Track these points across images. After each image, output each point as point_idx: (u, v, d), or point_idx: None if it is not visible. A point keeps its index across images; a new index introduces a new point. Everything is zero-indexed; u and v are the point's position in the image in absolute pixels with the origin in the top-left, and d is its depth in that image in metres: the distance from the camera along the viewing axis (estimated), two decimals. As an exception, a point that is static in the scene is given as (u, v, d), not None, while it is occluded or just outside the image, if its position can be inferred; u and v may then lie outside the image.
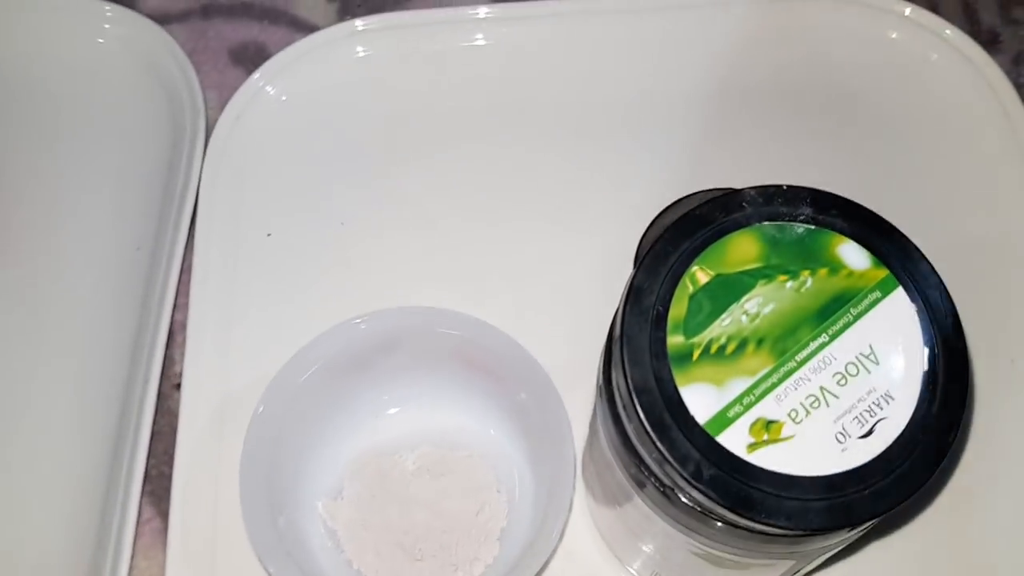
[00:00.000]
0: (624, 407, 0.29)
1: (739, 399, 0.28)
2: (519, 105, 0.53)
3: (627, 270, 0.46)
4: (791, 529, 0.27)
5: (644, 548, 0.37)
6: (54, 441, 0.45)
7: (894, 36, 0.55)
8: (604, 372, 0.31)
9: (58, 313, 0.48)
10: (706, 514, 0.29)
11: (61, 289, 0.49)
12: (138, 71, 0.54)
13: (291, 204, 0.50)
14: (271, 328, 0.47)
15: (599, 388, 0.32)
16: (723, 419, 0.28)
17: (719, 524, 0.29)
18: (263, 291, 0.48)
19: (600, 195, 0.50)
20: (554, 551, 0.40)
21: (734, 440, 0.28)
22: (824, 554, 0.33)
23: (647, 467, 0.30)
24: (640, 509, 0.33)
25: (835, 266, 0.30)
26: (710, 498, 0.27)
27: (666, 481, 0.29)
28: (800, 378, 0.29)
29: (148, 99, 0.53)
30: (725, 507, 0.27)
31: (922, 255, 0.30)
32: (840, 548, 0.33)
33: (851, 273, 0.30)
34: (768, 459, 0.28)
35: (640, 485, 0.31)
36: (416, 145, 0.52)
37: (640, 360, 0.29)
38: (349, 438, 0.44)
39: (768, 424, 0.28)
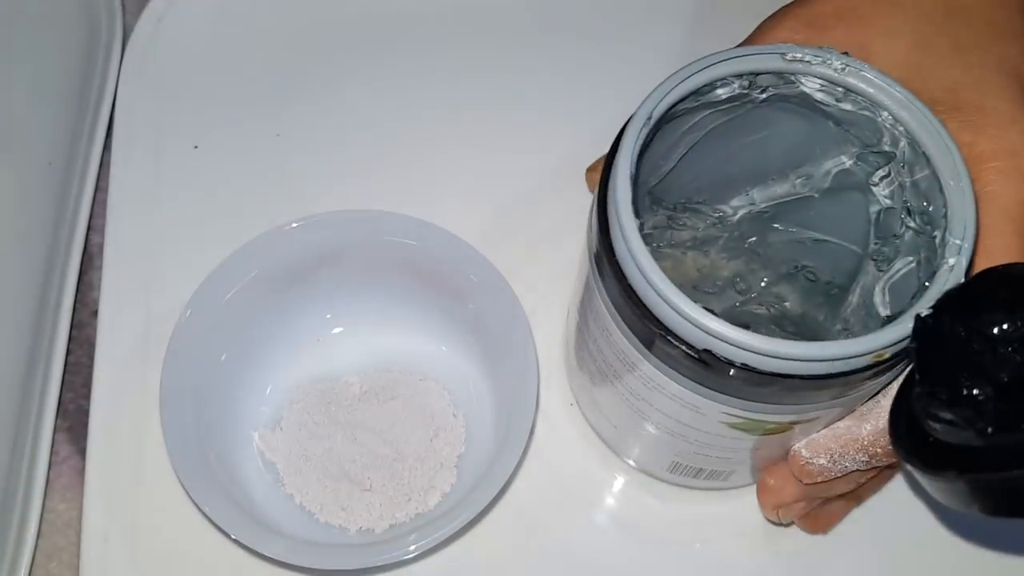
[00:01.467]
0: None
1: None
2: (463, 8, 0.49)
3: (580, 163, 0.43)
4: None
5: (653, 431, 0.34)
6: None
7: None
8: (602, 238, 0.28)
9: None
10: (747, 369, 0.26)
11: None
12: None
13: (220, 115, 0.46)
14: (198, 249, 0.42)
15: (596, 259, 0.29)
16: None
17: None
18: (189, 209, 0.44)
19: (549, 98, 0.47)
20: (515, 473, 0.36)
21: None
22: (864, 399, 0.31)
23: (672, 335, 0.27)
24: (663, 388, 0.30)
25: None
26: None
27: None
28: None
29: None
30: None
31: None
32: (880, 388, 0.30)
33: None
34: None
35: (660, 356, 0.28)
36: (356, 50, 0.48)
37: None
38: (286, 361, 0.40)
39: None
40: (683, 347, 0.27)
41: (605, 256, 0.28)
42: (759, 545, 0.39)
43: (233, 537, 0.33)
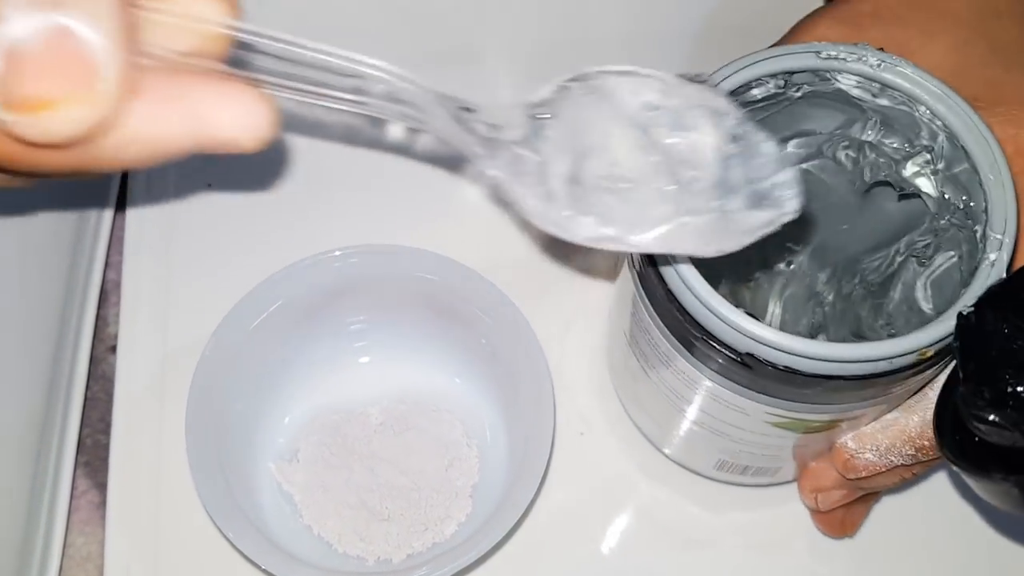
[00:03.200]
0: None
1: None
2: (475, 38, 0.50)
3: None
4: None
5: (698, 431, 0.34)
6: (-25, 412, 0.41)
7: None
8: (647, 263, 0.29)
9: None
10: (791, 372, 0.27)
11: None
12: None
13: (233, 154, 0.47)
14: (213, 286, 0.44)
15: (639, 264, 0.30)
16: None
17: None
18: (203, 246, 0.45)
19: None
20: (532, 501, 0.37)
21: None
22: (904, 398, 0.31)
23: (715, 340, 0.28)
24: (708, 391, 0.30)
25: None
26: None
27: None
28: None
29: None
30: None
31: None
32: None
33: None
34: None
35: (704, 360, 0.29)
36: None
37: None
38: (302, 393, 0.40)
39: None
40: (726, 351, 0.27)
41: (646, 262, 0.29)
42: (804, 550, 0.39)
43: (263, 567, 0.33)
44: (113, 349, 0.43)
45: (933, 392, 0.30)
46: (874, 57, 0.30)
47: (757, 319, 0.27)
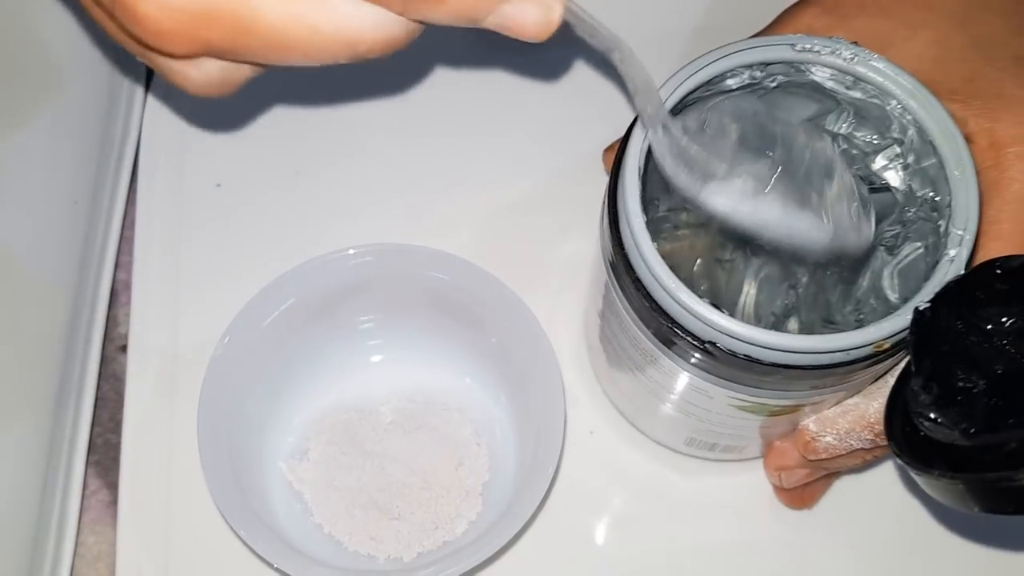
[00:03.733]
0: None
1: None
2: (474, 43, 0.50)
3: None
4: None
5: (669, 411, 0.36)
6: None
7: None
8: (612, 232, 0.30)
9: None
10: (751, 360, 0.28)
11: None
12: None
13: (241, 152, 0.47)
14: (222, 285, 0.44)
15: (611, 252, 0.31)
16: None
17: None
18: (213, 245, 0.45)
19: (565, 126, 0.48)
20: (543, 500, 0.37)
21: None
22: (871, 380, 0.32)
23: (680, 328, 0.29)
24: (674, 374, 0.32)
25: None
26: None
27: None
28: None
29: (84, 39, 0.49)
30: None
31: None
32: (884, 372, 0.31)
33: None
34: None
35: (669, 345, 0.30)
36: (373, 87, 0.49)
37: None
38: (313, 392, 0.40)
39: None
40: (689, 339, 0.29)
41: (616, 250, 0.30)
42: (765, 516, 0.40)
43: (278, 568, 0.33)
44: (123, 348, 0.43)
45: (893, 380, 0.31)
46: (848, 51, 0.30)
47: (720, 307, 0.28)
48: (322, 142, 0.47)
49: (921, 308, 0.26)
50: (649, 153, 0.29)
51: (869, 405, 0.32)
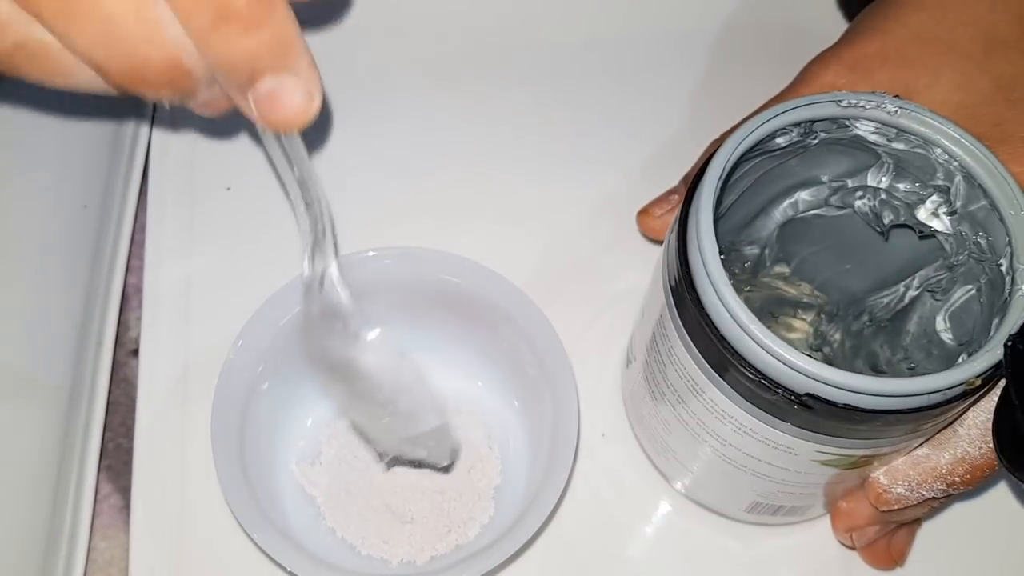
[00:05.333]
0: None
1: None
2: (496, 47, 0.51)
3: (616, 207, 0.45)
4: None
5: (738, 474, 0.34)
6: (-1, 416, 0.41)
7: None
8: (687, 284, 0.29)
9: (-1, 279, 0.44)
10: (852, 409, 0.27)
11: (1, 253, 0.44)
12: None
13: (251, 156, 0.47)
14: (232, 289, 0.44)
15: (676, 302, 0.30)
16: None
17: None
18: (224, 249, 0.45)
19: (586, 136, 0.48)
20: (558, 506, 0.37)
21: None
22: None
23: (770, 381, 0.28)
24: (754, 433, 0.31)
25: None
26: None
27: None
28: None
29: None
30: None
31: None
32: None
33: None
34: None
35: (756, 402, 0.29)
36: (386, 90, 0.49)
37: None
38: (324, 396, 0.40)
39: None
40: (783, 393, 0.27)
41: (691, 303, 0.29)
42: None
43: (289, 570, 0.33)
44: (134, 353, 0.43)
45: (963, 429, 0.32)
46: (892, 104, 0.31)
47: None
48: (335, 144, 0.47)
49: (1009, 343, 0.27)
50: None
51: (940, 456, 0.32)
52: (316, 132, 0.48)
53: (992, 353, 0.27)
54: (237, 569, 0.38)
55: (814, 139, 0.32)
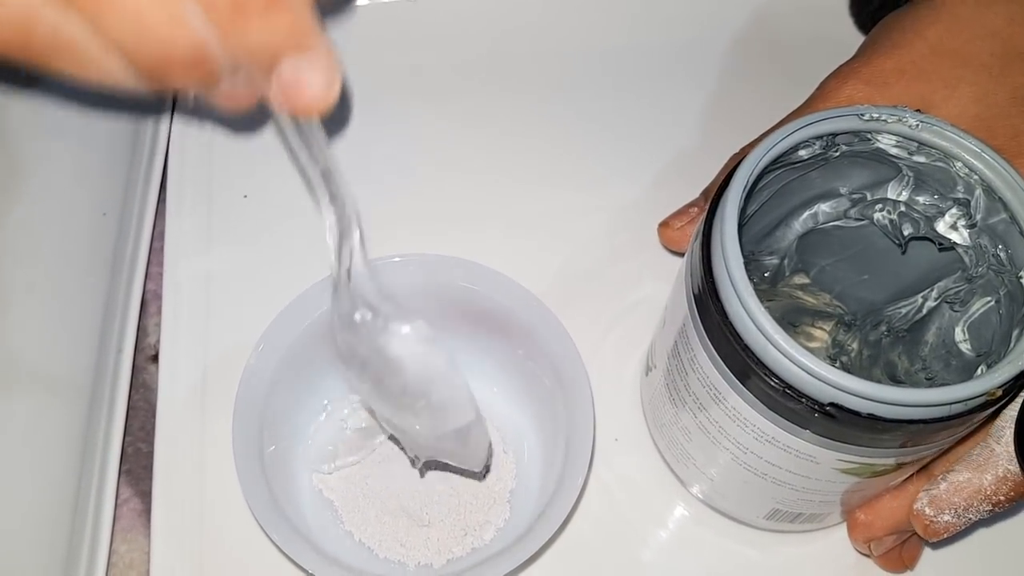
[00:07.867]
0: None
1: None
2: (519, 59, 0.51)
3: (631, 217, 0.45)
4: None
5: (757, 481, 0.34)
6: (20, 421, 0.42)
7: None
8: (711, 294, 0.29)
9: (20, 286, 0.44)
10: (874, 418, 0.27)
11: (21, 260, 0.45)
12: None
13: (268, 164, 0.47)
14: (250, 295, 0.44)
15: (700, 311, 0.30)
16: None
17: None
18: (242, 256, 0.45)
19: (601, 146, 0.49)
20: (573, 510, 0.37)
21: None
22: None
23: (794, 391, 0.28)
24: (776, 441, 0.31)
25: None
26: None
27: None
28: None
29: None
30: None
31: None
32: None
33: None
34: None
35: (778, 411, 0.29)
36: (401, 100, 0.50)
37: None
38: (343, 398, 0.41)
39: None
40: (807, 402, 0.28)
41: (715, 312, 0.29)
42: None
43: (310, 572, 0.34)
44: (154, 358, 0.44)
45: (1000, 447, 0.32)
46: (913, 118, 0.31)
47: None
48: (348, 156, 0.48)
49: None
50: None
51: (983, 479, 0.32)
52: (336, 134, 0.48)
53: (1013, 364, 0.27)
54: (257, 572, 0.39)
55: (836, 152, 0.32)
